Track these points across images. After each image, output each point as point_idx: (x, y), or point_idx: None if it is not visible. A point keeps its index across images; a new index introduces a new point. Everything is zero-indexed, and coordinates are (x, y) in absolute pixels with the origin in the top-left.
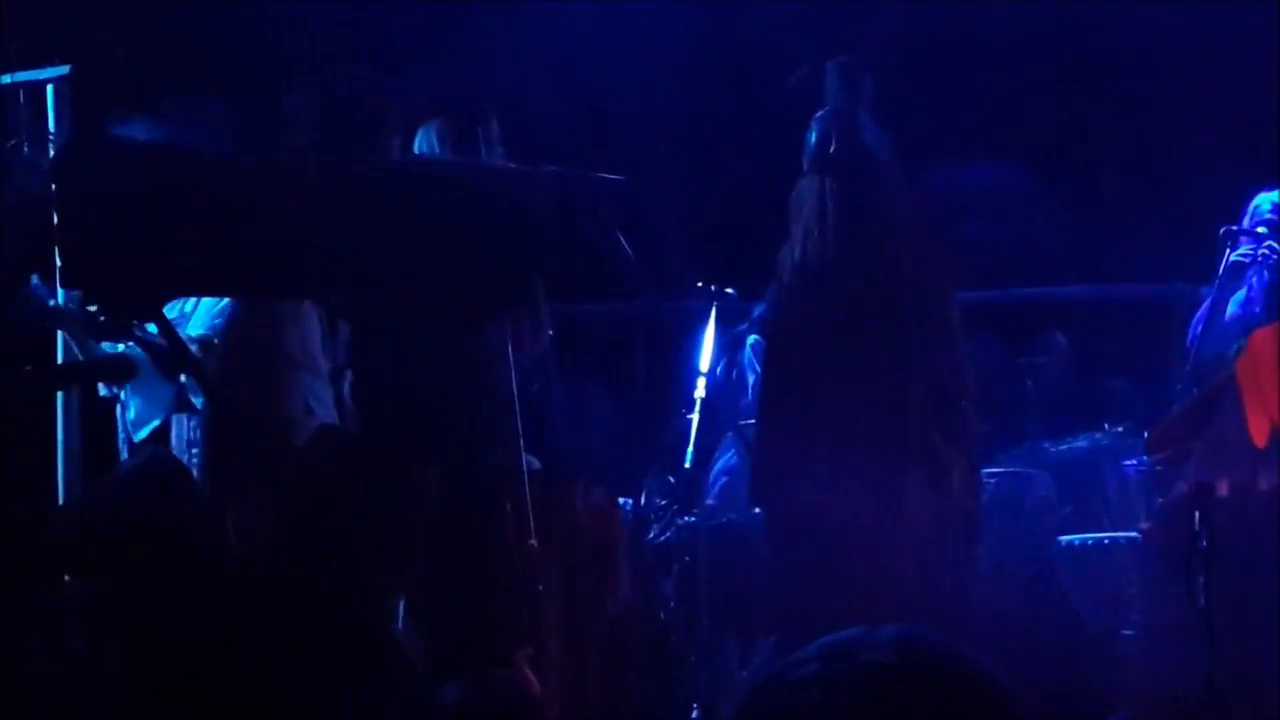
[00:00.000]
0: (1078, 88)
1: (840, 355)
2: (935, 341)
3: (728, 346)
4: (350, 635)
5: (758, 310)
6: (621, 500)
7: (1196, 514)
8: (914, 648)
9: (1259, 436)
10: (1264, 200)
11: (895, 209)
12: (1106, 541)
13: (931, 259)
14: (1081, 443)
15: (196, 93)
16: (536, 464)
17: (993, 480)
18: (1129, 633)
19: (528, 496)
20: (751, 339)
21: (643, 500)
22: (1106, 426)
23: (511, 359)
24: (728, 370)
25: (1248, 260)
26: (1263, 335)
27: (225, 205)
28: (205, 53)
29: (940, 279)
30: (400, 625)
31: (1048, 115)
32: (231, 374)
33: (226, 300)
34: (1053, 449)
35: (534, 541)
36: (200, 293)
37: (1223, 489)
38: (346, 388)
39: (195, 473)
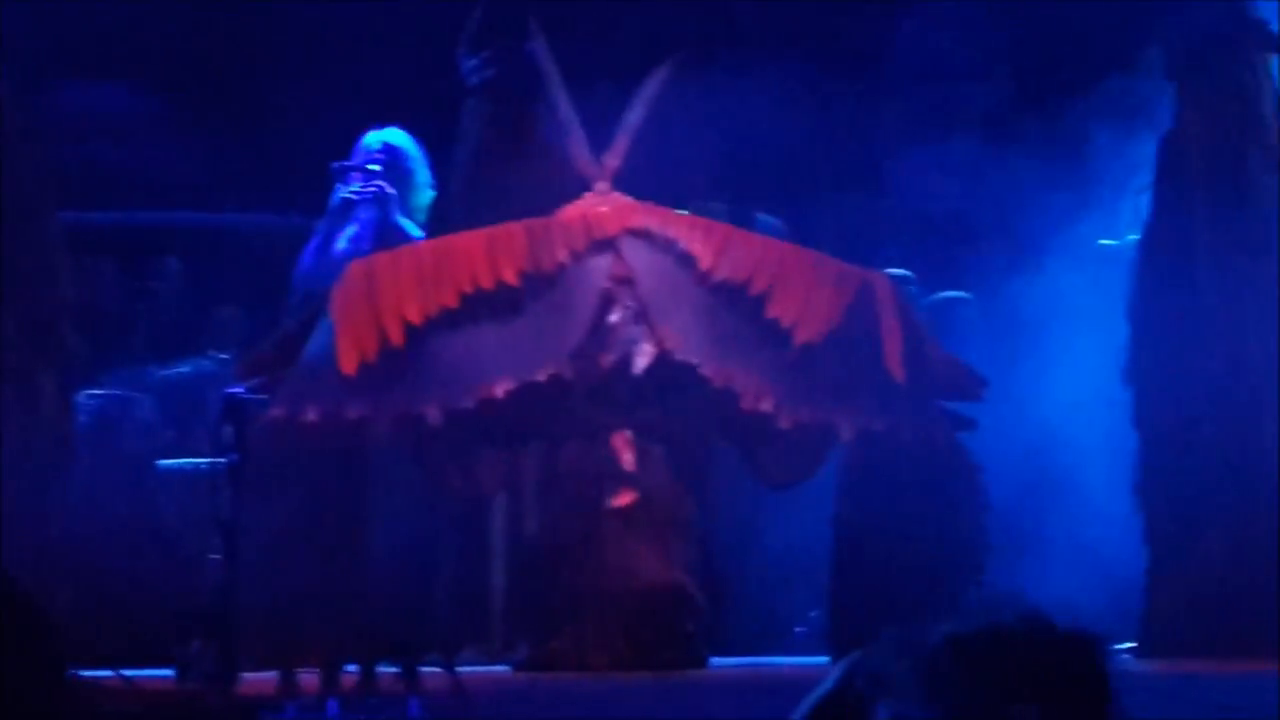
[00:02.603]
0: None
1: None
2: (32, 261)
3: None
4: None
5: None
6: None
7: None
8: None
9: (348, 365)
10: (374, 138)
11: None
12: (206, 466)
13: (33, 178)
14: (186, 368)
15: None
16: None
17: (93, 402)
18: (215, 557)
19: None
20: None
21: None
22: (212, 353)
23: None
24: None
25: (358, 197)
26: (357, 267)
27: None
28: None
29: (40, 199)
30: None
31: (173, 42)
32: None
33: None
34: (158, 373)
35: None
36: None
37: (312, 415)
38: None
39: None
